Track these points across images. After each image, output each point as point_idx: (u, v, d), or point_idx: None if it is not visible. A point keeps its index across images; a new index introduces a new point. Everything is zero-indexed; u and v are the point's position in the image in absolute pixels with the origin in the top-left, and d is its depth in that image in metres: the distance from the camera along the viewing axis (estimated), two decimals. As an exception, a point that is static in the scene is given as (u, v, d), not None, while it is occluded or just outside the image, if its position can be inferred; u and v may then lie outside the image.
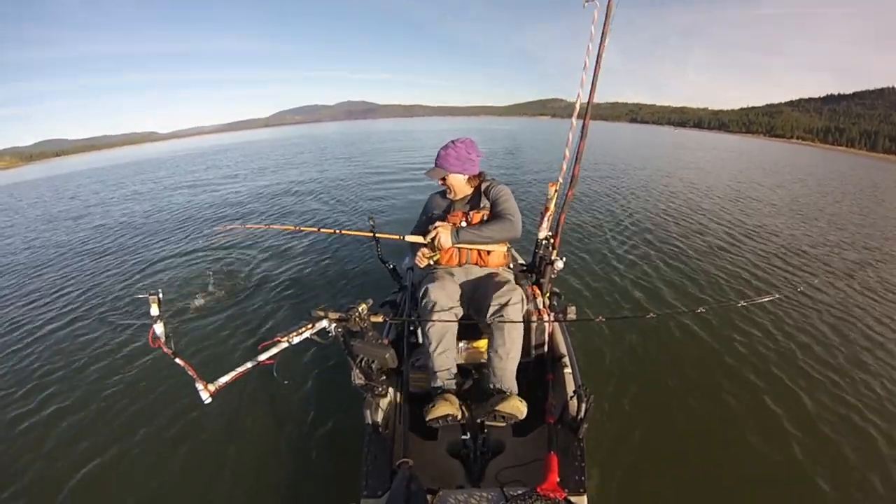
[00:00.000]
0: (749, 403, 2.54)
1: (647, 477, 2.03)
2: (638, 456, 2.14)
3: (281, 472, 2.13)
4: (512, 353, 1.70)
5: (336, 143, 27.34)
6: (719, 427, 2.37)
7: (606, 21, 2.12)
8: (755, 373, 2.81)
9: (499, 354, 1.69)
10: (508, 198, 2.00)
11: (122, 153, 63.75)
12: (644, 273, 4.45)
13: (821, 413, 2.47)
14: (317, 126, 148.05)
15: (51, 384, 2.94)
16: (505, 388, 1.67)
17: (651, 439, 2.24)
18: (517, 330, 1.71)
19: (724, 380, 2.74)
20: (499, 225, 1.89)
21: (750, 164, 18.88)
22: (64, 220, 9.05)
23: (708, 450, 2.21)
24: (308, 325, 1.43)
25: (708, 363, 2.92)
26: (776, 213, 7.74)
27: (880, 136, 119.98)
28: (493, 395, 1.66)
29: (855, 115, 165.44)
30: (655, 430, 2.31)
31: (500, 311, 1.69)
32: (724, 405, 2.52)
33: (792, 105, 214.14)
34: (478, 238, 1.90)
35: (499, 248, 2.02)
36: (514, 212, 1.94)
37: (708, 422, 2.40)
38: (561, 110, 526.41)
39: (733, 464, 2.12)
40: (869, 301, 3.99)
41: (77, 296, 4.49)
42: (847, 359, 3.00)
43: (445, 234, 1.88)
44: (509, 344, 1.69)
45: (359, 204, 8.17)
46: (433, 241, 1.90)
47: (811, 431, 2.33)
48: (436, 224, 1.91)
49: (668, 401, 2.55)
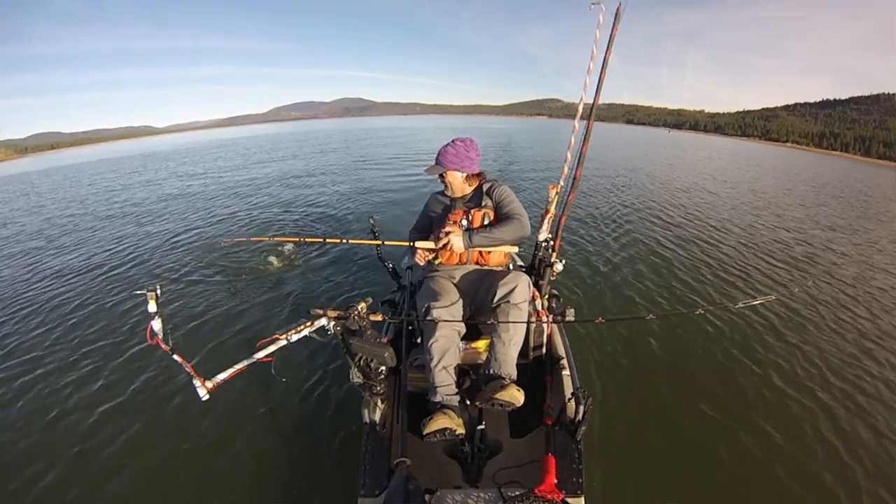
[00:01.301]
0: (747, 404, 2.55)
1: (644, 479, 2.03)
2: (636, 458, 2.14)
3: (278, 470, 2.12)
4: (515, 339, 1.71)
5: (335, 142, 27.21)
6: (718, 428, 2.37)
7: (615, 24, 2.11)
8: (753, 374, 2.83)
9: (502, 340, 1.69)
10: (513, 198, 2.01)
11: (119, 146, 63.22)
12: (642, 275, 4.47)
13: (819, 413, 2.49)
14: (314, 122, 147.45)
15: (47, 379, 2.92)
16: (504, 375, 1.67)
17: (649, 441, 2.25)
18: (522, 315, 1.72)
19: (722, 381, 2.75)
20: (509, 226, 1.90)
21: (746, 167, 19.01)
22: (63, 211, 8.98)
23: (707, 451, 2.22)
24: (307, 323, 1.42)
25: (706, 364, 2.93)
26: (772, 217, 7.79)
27: (874, 142, 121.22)
28: (492, 380, 1.65)
29: (850, 121, 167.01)
30: (654, 431, 2.32)
31: (507, 297, 1.71)
32: (722, 406, 2.53)
33: (788, 109, 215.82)
34: (490, 241, 1.90)
35: (505, 248, 2.03)
36: (521, 212, 1.96)
37: (706, 423, 2.41)
38: (558, 110, 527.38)
39: (732, 465, 2.13)
40: (865, 300, 4.03)
41: (74, 289, 4.46)
42: (845, 358, 3.03)
43: (458, 239, 1.87)
44: (513, 329, 1.70)
45: (358, 205, 8.14)
46: (445, 247, 1.89)
47: (811, 431, 2.35)
48: (447, 229, 1.89)
49: (666, 402, 2.56)
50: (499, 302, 1.73)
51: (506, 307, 1.71)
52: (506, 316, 1.70)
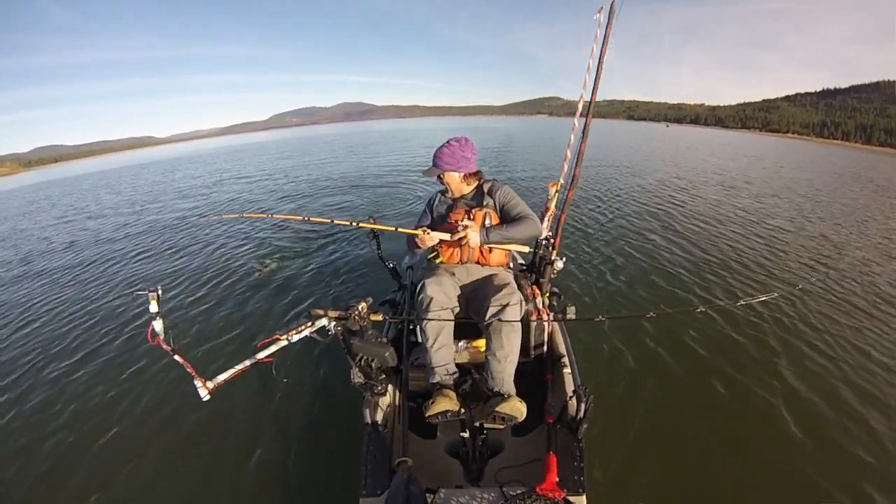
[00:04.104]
0: (749, 402, 2.53)
1: (646, 477, 2.02)
2: (638, 456, 2.13)
3: (279, 470, 2.12)
4: (510, 357, 1.69)
5: (339, 147, 27.34)
6: (719, 426, 2.36)
7: (610, 22, 2.12)
8: (755, 372, 2.79)
9: (497, 357, 1.68)
10: (519, 198, 2.02)
11: (126, 157, 63.83)
12: (643, 272, 4.45)
13: (821, 411, 2.46)
14: (316, 128, 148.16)
15: (48, 379, 2.96)
16: (503, 392, 1.65)
17: (651, 439, 2.23)
18: (515, 333, 1.70)
19: (724, 379, 2.72)
20: (523, 226, 1.91)
21: (747, 160, 18.88)
22: (71, 218, 9.10)
23: (708, 449, 2.20)
24: (308, 324, 1.43)
25: (708, 362, 2.90)
26: (772, 212, 7.72)
27: (875, 130, 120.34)
28: (492, 397, 1.64)
29: (851, 109, 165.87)
30: (655, 429, 2.30)
31: (499, 314, 1.69)
32: (724, 404, 2.51)
33: (788, 100, 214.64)
34: (504, 239, 1.91)
35: (515, 247, 2.03)
36: (530, 212, 1.97)
37: (708, 421, 2.39)
38: (558, 108, 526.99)
39: (733, 463, 2.11)
40: (872, 295, 3.99)
41: (77, 290, 4.53)
42: (844, 355, 2.99)
43: (475, 234, 1.87)
44: (507, 347, 1.67)
45: (359, 201, 8.20)
46: (461, 240, 1.89)
47: (811, 430, 2.31)
48: (465, 223, 1.89)
49: (668, 400, 2.54)
50: (490, 319, 1.70)
51: (498, 325, 1.69)
52: (499, 334, 1.68)
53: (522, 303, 1.77)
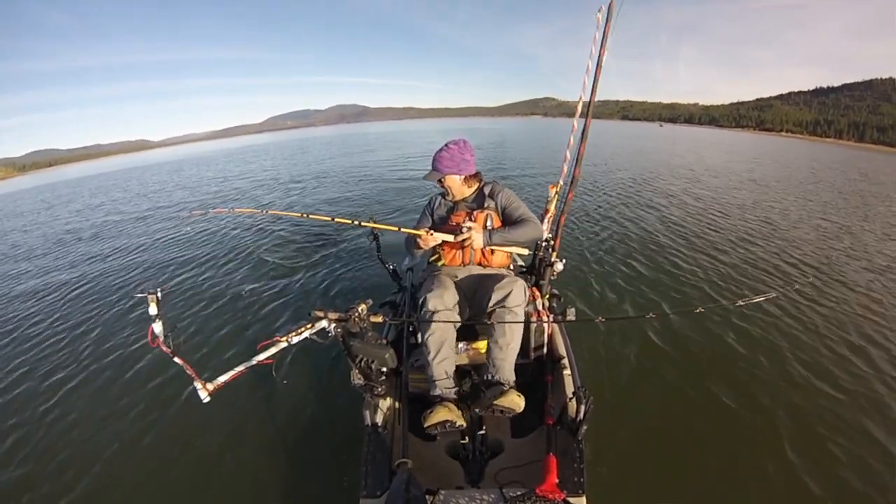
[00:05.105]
0: (749, 403, 2.52)
1: (646, 478, 2.01)
2: (638, 457, 2.12)
3: (279, 472, 2.11)
4: (512, 345, 1.70)
5: (335, 149, 27.33)
6: (719, 427, 2.35)
7: (608, 22, 2.13)
8: (755, 372, 2.79)
9: (499, 345, 1.69)
10: (520, 201, 2.03)
11: (121, 161, 63.62)
12: (643, 274, 4.44)
13: (820, 413, 2.45)
14: (311, 130, 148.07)
15: (49, 380, 2.95)
16: (503, 381, 1.66)
17: (651, 440, 2.23)
18: (518, 320, 1.71)
19: (724, 379, 2.71)
20: (526, 229, 1.92)
21: (742, 160, 18.99)
22: (68, 224, 9.02)
23: (708, 451, 2.19)
24: (307, 325, 1.43)
25: (708, 363, 2.90)
26: (772, 211, 7.73)
27: (868, 127, 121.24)
28: (492, 386, 1.65)
29: (844, 107, 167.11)
30: (655, 431, 2.30)
31: (502, 302, 1.71)
32: (724, 405, 2.50)
33: (782, 98, 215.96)
34: (507, 242, 1.93)
35: (516, 249, 2.04)
36: (531, 214, 1.98)
37: (708, 422, 2.38)
38: (553, 109, 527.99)
39: (733, 464, 2.11)
40: (871, 293, 4.00)
41: (77, 291, 4.53)
42: (844, 355, 2.99)
43: (479, 235, 1.88)
44: (509, 335, 1.69)
45: (359, 202, 8.21)
46: (465, 241, 1.89)
47: (812, 430, 2.31)
48: (469, 224, 1.90)
49: (668, 401, 2.54)
50: (494, 307, 1.72)
51: (501, 312, 1.70)
52: (501, 321, 1.69)
53: (526, 291, 1.78)
